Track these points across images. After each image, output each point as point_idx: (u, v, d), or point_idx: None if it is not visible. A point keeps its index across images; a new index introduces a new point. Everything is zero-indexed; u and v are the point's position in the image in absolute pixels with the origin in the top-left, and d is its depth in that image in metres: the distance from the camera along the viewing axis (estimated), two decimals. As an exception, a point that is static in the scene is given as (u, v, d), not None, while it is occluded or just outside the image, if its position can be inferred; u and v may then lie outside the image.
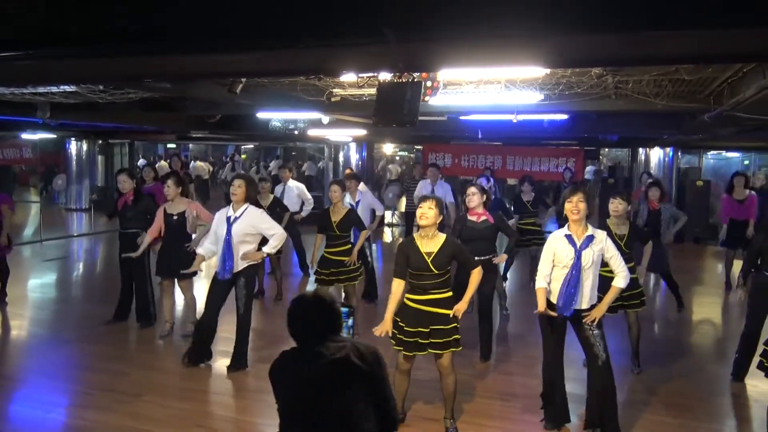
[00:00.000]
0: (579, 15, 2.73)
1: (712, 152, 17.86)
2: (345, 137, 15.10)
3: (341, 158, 17.39)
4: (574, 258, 4.22)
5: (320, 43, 2.78)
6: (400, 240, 13.21)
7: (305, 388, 2.46)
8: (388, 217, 16.35)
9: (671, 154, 14.63)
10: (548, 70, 5.40)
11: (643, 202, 7.71)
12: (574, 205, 4.24)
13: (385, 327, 4.28)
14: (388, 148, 24.73)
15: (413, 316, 4.28)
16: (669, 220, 7.41)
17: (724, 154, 18.59)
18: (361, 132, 12.27)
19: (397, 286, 4.33)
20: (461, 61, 3.31)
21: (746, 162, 18.88)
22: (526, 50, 3.13)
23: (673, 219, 7.51)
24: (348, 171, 11.66)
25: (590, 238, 4.26)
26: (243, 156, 28.44)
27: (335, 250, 6.38)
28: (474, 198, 5.81)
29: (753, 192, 9.08)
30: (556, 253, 4.32)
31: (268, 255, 5.86)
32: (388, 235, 15.28)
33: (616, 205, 5.49)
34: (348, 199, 7.56)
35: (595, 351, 4.27)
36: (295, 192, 9.18)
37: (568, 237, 4.29)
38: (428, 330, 4.26)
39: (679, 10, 2.49)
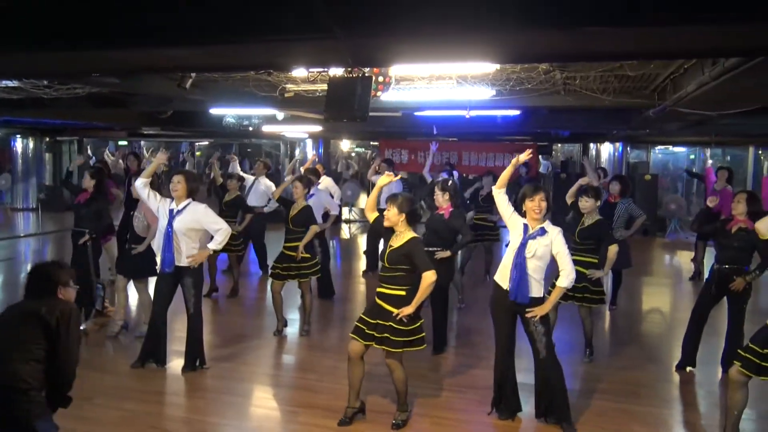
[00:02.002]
0: (525, 11, 2.79)
1: (660, 147, 18.42)
2: (301, 133, 15.00)
3: (298, 155, 17.27)
4: (520, 245, 4.31)
5: (267, 38, 2.76)
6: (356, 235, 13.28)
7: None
8: (345, 213, 16.34)
9: (621, 149, 15.02)
10: (498, 66, 5.49)
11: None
12: (537, 204, 4.28)
13: None
14: (345, 145, 24.66)
15: (372, 305, 4.43)
16: (623, 214, 7.29)
17: (672, 149, 19.19)
18: (317, 128, 12.21)
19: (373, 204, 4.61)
20: (411, 56, 3.34)
21: (692, 156, 19.53)
22: (474, 46, 3.18)
23: (629, 215, 7.33)
24: (307, 165, 11.64)
25: (541, 231, 4.31)
26: (198, 153, 27.94)
27: (290, 245, 6.44)
28: (438, 198, 6.01)
29: (729, 186, 9.17)
30: (512, 223, 4.43)
31: (215, 251, 5.72)
32: (345, 232, 15.28)
33: (584, 203, 5.69)
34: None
35: (537, 347, 4.37)
36: (262, 187, 9.11)
37: (524, 225, 4.37)
38: (375, 322, 4.32)
39: (616, 7, 2.58)
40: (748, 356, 3.96)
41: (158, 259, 5.50)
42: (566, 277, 4.35)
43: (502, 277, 4.45)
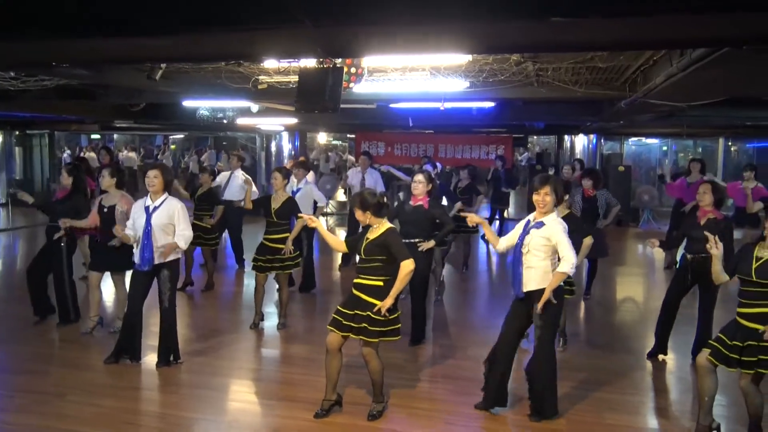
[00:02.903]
0: (495, 2, 2.80)
1: (633, 139, 18.66)
2: (276, 126, 14.89)
3: (273, 148, 17.16)
4: (518, 241, 4.40)
5: (236, 28, 2.74)
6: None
7: None
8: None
9: (595, 140, 15.20)
10: (470, 57, 5.50)
11: (576, 190, 7.86)
12: (541, 198, 4.30)
13: None
14: (323, 137, 24.59)
15: (349, 296, 4.46)
16: (604, 205, 7.53)
17: (644, 140, 19.45)
18: (293, 120, 12.14)
19: (340, 244, 4.78)
20: (382, 47, 3.33)
21: (664, 148, 19.82)
22: (446, 36, 3.19)
23: (607, 205, 7.59)
24: (302, 159, 11.63)
25: (539, 224, 4.34)
26: (173, 146, 27.61)
27: (273, 237, 6.43)
28: (419, 186, 5.97)
29: (704, 177, 9.31)
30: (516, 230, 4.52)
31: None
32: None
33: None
34: (292, 185, 7.64)
35: (537, 333, 4.41)
36: (239, 181, 9.02)
37: (527, 221, 4.44)
38: (353, 313, 4.34)
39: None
40: (717, 345, 4.07)
41: (136, 255, 5.40)
42: (566, 263, 4.27)
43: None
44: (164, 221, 5.26)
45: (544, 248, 4.32)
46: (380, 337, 4.33)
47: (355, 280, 4.45)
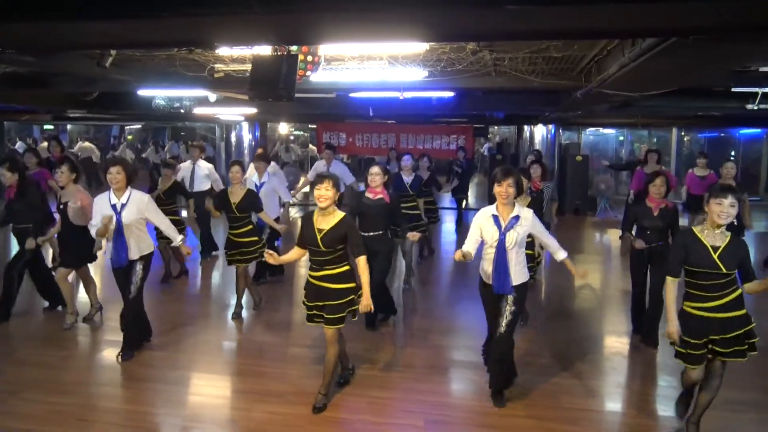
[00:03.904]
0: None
1: (591, 129, 19.02)
2: (236, 116, 14.68)
3: (233, 138, 16.93)
4: (499, 239, 4.33)
5: (185, 13, 2.67)
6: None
7: None
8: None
9: (553, 130, 15.41)
10: (428, 46, 5.51)
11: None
12: (504, 190, 4.27)
13: None
14: (283, 128, 24.32)
15: (313, 290, 4.46)
16: (550, 199, 7.38)
17: (601, 130, 19.85)
18: (252, 110, 11.98)
19: (295, 253, 4.55)
20: (335, 35, 3.30)
21: (621, 138, 20.26)
22: (400, 24, 3.17)
23: (551, 200, 7.45)
24: (260, 150, 11.47)
25: (516, 219, 4.35)
26: (129, 137, 26.99)
27: (237, 232, 6.42)
28: (376, 178, 5.96)
29: (663, 168, 9.45)
30: (482, 231, 4.42)
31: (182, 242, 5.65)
32: (287, 223, 15.11)
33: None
34: (255, 179, 7.57)
35: (499, 321, 4.41)
36: (203, 171, 9.12)
37: (495, 218, 4.37)
38: (322, 304, 4.41)
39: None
40: (688, 352, 3.92)
41: (110, 253, 5.37)
42: (560, 249, 4.57)
43: (485, 273, 4.52)
44: (135, 216, 5.21)
45: (524, 240, 4.42)
46: (335, 325, 4.42)
47: (318, 273, 4.42)
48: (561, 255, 4.57)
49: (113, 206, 5.18)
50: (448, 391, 5.05)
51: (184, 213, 9.11)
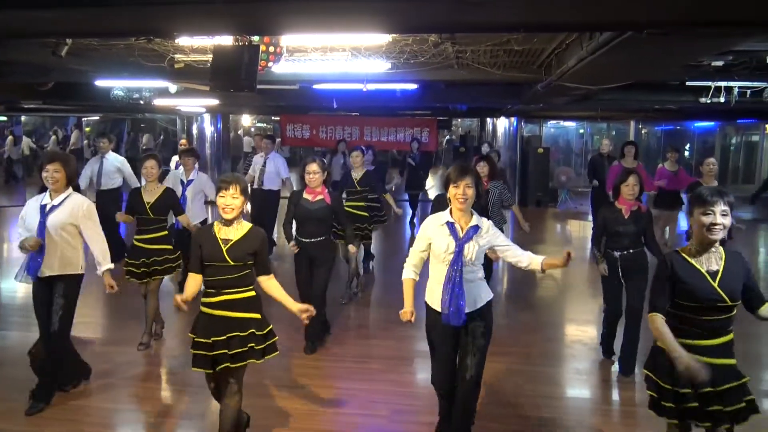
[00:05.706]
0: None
1: (552, 122, 19.34)
2: (197, 108, 14.45)
3: (195, 130, 16.67)
4: (455, 251, 3.50)
5: (143, 1, 2.62)
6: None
7: None
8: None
9: (515, 123, 15.62)
10: (390, 38, 5.53)
11: None
12: (462, 191, 3.48)
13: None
14: (246, 120, 24.08)
15: (211, 322, 3.52)
16: (497, 201, 6.21)
17: (562, 123, 20.20)
18: (214, 102, 11.82)
19: (193, 281, 3.57)
20: (296, 25, 3.29)
21: (581, 131, 20.65)
22: (361, 15, 3.18)
23: (502, 201, 6.28)
24: (183, 142, 10.86)
25: (475, 229, 3.54)
26: (87, 129, 26.29)
27: (148, 237, 5.45)
28: (315, 177, 5.19)
29: (640, 163, 8.83)
30: (432, 244, 3.58)
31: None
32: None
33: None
34: (182, 176, 6.90)
35: (467, 362, 3.60)
36: (116, 164, 8.30)
37: (450, 225, 3.54)
38: (224, 338, 3.46)
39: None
40: (669, 405, 2.98)
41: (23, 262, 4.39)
42: (533, 258, 3.62)
43: (432, 297, 3.66)
44: (63, 220, 4.32)
45: (481, 256, 3.60)
46: (265, 356, 3.60)
47: (217, 299, 3.49)
48: (537, 261, 3.57)
49: (42, 207, 4.32)
50: (412, 381, 5.10)
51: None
